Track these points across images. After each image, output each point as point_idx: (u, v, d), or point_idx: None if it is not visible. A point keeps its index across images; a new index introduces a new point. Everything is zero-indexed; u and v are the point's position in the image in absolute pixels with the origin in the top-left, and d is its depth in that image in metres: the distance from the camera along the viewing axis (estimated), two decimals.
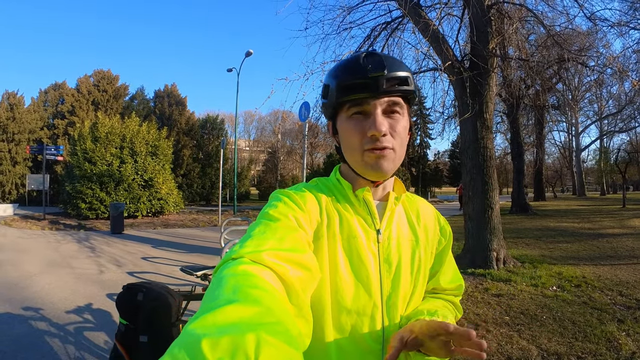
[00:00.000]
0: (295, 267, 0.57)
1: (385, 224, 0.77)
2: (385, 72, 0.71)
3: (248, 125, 56.47)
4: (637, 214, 13.44)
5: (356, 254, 0.72)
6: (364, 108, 0.73)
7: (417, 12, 5.78)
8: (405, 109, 0.77)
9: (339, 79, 0.74)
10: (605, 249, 7.47)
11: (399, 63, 0.75)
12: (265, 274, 0.51)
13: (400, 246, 0.77)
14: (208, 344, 0.32)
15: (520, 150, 17.40)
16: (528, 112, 18.38)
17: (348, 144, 0.75)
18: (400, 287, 0.74)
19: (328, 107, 0.79)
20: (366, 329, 0.70)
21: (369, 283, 0.72)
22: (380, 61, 0.72)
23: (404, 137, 0.76)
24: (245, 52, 17.47)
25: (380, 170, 0.73)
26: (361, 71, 0.71)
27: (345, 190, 0.79)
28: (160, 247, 8.62)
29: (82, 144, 14.78)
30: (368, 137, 0.71)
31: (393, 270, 0.75)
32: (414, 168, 39.43)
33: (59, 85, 24.48)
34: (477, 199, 5.89)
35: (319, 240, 0.72)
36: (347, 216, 0.76)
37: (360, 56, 0.74)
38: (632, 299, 4.40)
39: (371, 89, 0.71)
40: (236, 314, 0.39)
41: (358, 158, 0.74)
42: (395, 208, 0.81)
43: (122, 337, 1.71)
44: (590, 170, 44.10)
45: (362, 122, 0.73)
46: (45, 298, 4.62)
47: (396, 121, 0.74)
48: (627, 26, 7.14)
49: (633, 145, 29.78)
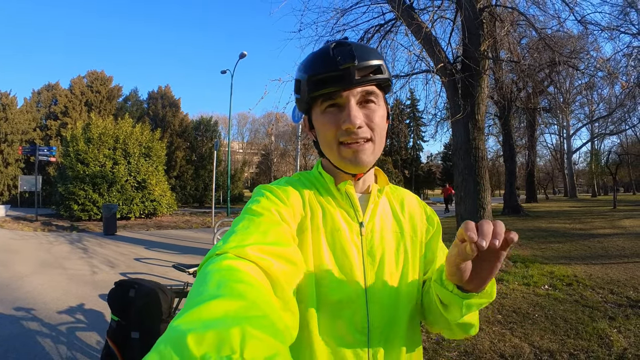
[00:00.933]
0: (279, 260, 0.56)
1: (368, 216, 0.77)
2: (356, 62, 0.69)
3: (242, 127, 56.31)
4: (628, 215, 13.60)
5: (339, 247, 0.72)
6: (337, 101, 0.72)
7: (410, 14, 5.82)
8: (381, 97, 0.76)
9: (309, 73, 0.72)
10: (596, 249, 7.55)
11: (370, 51, 0.73)
12: (250, 269, 0.51)
13: (384, 238, 0.77)
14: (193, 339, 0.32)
15: (512, 152, 17.53)
16: (520, 115, 18.53)
17: (324, 139, 0.74)
18: (384, 279, 0.73)
19: (301, 102, 0.78)
20: (351, 322, 0.69)
21: (352, 275, 0.71)
22: (350, 51, 0.70)
23: (382, 127, 0.75)
24: (239, 54, 17.45)
25: (359, 164, 0.72)
26: (331, 63, 0.69)
27: (327, 184, 0.79)
28: (153, 248, 8.56)
29: (74, 145, 14.66)
30: (343, 129, 0.70)
31: (377, 262, 0.74)
32: (407, 170, 39.53)
33: (52, 86, 24.30)
34: (469, 200, 5.92)
35: (303, 233, 0.71)
36: (330, 209, 0.75)
37: (329, 47, 0.72)
38: (623, 297, 4.46)
39: (343, 81, 0.69)
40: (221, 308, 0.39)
41: (335, 152, 0.73)
42: (379, 200, 0.80)
43: (113, 333, 1.70)
44: (582, 172, 44.62)
45: (337, 116, 0.72)
46: (37, 298, 4.57)
47: (372, 111, 0.72)
48: (617, 30, 7.27)
49: (624, 148, 30.17)
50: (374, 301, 0.71)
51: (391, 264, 0.75)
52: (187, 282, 2.89)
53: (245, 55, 17.43)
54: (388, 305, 0.73)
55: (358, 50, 0.70)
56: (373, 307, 0.71)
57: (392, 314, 0.73)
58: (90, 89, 24.22)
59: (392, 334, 0.73)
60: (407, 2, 5.92)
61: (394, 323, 0.73)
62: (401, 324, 0.74)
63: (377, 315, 0.71)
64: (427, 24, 5.76)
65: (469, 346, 3.19)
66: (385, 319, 0.72)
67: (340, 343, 0.68)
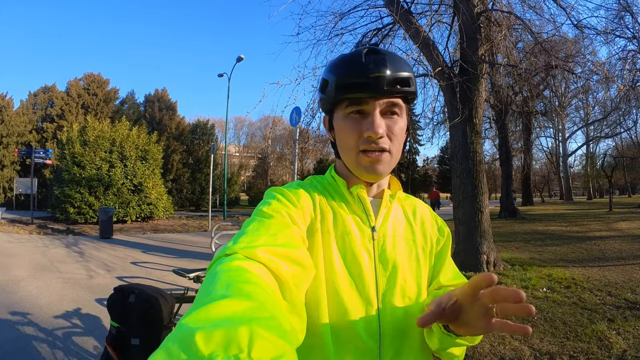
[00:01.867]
0: (288, 263, 0.56)
1: (380, 221, 0.76)
2: (388, 73, 0.69)
3: (238, 131, 56.24)
4: (624, 217, 13.68)
5: (350, 251, 0.71)
6: (362, 107, 0.71)
7: (408, 18, 5.85)
8: (404, 109, 0.75)
9: (338, 76, 0.72)
10: (593, 251, 7.59)
11: (402, 62, 0.73)
12: (259, 270, 0.51)
13: (397, 244, 0.76)
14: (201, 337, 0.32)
15: (509, 155, 17.62)
16: (516, 118, 18.63)
17: (344, 143, 0.74)
18: (397, 284, 0.72)
19: (325, 102, 0.78)
20: (362, 327, 0.68)
21: (362, 280, 0.70)
22: (383, 60, 0.70)
23: (401, 138, 0.75)
24: (237, 57, 17.46)
25: (375, 173, 0.72)
26: (362, 70, 0.69)
27: (340, 188, 0.78)
28: (149, 252, 8.52)
29: (70, 147, 14.59)
30: (364, 137, 0.70)
31: (389, 267, 0.73)
32: (403, 174, 39.64)
33: (49, 88, 24.19)
34: (467, 203, 5.94)
35: (313, 236, 0.70)
36: (341, 213, 0.75)
37: (361, 53, 0.72)
38: (621, 298, 4.48)
39: (371, 89, 0.69)
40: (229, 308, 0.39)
41: (353, 158, 0.73)
42: (392, 205, 0.79)
43: (113, 339, 1.68)
44: (577, 175, 44.87)
45: (360, 122, 0.71)
46: (33, 302, 4.53)
47: (394, 122, 0.72)
48: (612, 34, 7.32)
49: (619, 151, 30.40)
50: (386, 307, 0.71)
51: (404, 270, 0.74)
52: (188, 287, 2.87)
53: (243, 58, 17.45)
54: (400, 312, 0.72)
55: (391, 61, 0.70)
56: (385, 313, 0.70)
57: (404, 321, 0.72)
58: (87, 91, 24.12)
59: (405, 340, 0.72)
60: (405, 7, 5.94)
61: (406, 330, 0.72)
62: (413, 331, 0.73)
63: (389, 321, 0.71)
64: (424, 28, 5.80)
65: (468, 350, 3.19)
66: (397, 326, 0.71)
67: (351, 349, 0.68)
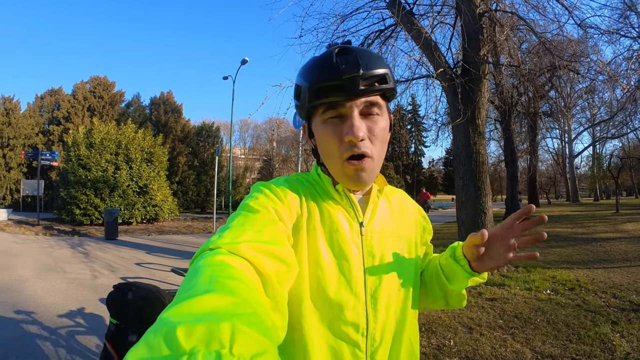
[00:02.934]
0: (272, 259, 0.56)
1: (368, 216, 0.76)
2: (361, 72, 0.65)
3: (244, 133, 56.32)
4: (630, 219, 13.52)
5: (338, 247, 0.70)
6: (339, 111, 0.69)
7: (410, 20, 5.85)
8: (384, 107, 0.73)
9: (311, 81, 0.69)
10: (598, 253, 7.51)
11: (376, 58, 0.70)
12: (242, 266, 0.50)
13: (384, 239, 0.76)
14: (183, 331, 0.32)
15: (514, 157, 17.50)
16: (521, 119, 18.53)
17: (326, 151, 0.72)
18: (384, 279, 0.72)
19: (301, 109, 0.75)
20: (349, 322, 0.68)
21: (351, 276, 0.70)
22: (355, 59, 0.66)
23: (383, 139, 0.73)
24: (241, 60, 17.52)
25: (359, 182, 0.71)
26: (334, 71, 0.66)
27: (326, 185, 0.77)
28: (154, 253, 8.57)
29: (76, 150, 14.73)
30: (345, 142, 0.68)
31: (377, 262, 0.73)
32: (409, 176, 39.55)
33: (55, 91, 24.50)
34: (470, 205, 5.91)
35: (298, 233, 0.69)
36: (328, 209, 0.74)
37: (332, 53, 0.68)
38: (626, 301, 4.43)
39: (347, 91, 0.66)
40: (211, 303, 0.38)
41: (338, 168, 0.71)
42: (378, 201, 0.79)
43: (112, 336, 1.70)
44: (584, 177, 44.41)
45: (339, 126, 0.69)
46: (37, 302, 4.58)
47: (374, 123, 0.70)
48: (617, 33, 7.28)
49: (625, 151, 30.12)
50: (374, 302, 0.71)
51: (392, 264, 0.74)
52: None
53: (247, 61, 17.49)
54: (388, 306, 0.72)
55: (363, 58, 0.67)
56: (372, 307, 0.70)
57: (391, 315, 0.72)
58: (93, 94, 24.37)
59: (392, 335, 0.72)
60: (407, 8, 5.94)
61: (394, 324, 0.73)
62: (401, 325, 0.74)
63: (377, 316, 0.70)
64: (427, 30, 5.80)
65: (469, 352, 3.18)
66: (385, 320, 0.71)
67: (337, 344, 0.67)
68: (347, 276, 0.70)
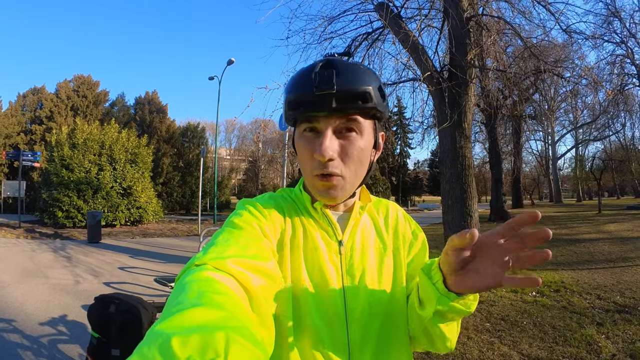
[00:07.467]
0: (258, 275, 0.56)
1: (348, 234, 0.74)
2: (334, 90, 0.62)
3: (229, 134, 55.94)
4: (613, 220, 13.83)
5: (317, 266, 0.70)
6: (314, 125, 0.67)
7: (397, 23, 5.86)
8: (366, 125, 0.69)
9: (289, 92, 0.68)
10: (582, 254, 7.65)
11: (359, 75, 0.66)
12: (228, 282, 0.50)
13: (365, 256, 0.74)
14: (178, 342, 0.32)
15: (499, 159, 17.76)
16: (506, 122, 18.85)
17: (300, 162, 0.72)
18: (365, 297, 0.71)
19: (287, 118, 0.74)
20: (330, 341, 0.66)
21: (330, 295, 0.69)
22: (330, 76, 0.63)
23: (359, 160, 0.69)
24: (227, 60, 17.39)
25: (329, 197, 0.70)
26: (309, 87, 0.64)
27: (305, 202, 0.76)
28: (138, 256, 8.41)
29: (59, 150, 14.40)
30: (316, 159, 0.66)
31: (357, 280, 0.71)
32: (394, 177, 39.74)
33: (38, 90, 23.87)
34: (456, 208, 5.94)
35: (282, 250, 0.70)
36: (309, 228, 0.73)
37: (315, 67, 0.66)
38: (610, 302, 4.51)
39: (319, 108, 0.64)
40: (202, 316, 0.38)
41: (309, 181, 0.71)
42: (360, 218, 0.78)
43: (93, 350, 1.64)
44: (567, 178, 45.37)
45: (312, 142, 0.67)
46: (18, 309, 4.45)
47: (350, 142, 0.67)
48: (601, 39, 7.45)
49: (607, 153, 30.76)
50: (354, 320, 0.69)
51: (373, 282, 0.73)
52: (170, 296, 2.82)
53: (233, 61, 17.39)
54: (370, 323, 0.70)
55: (342, 75, 0.64)
56: (353, 326, 0.69)
57: (374, 332, 0.70)
58: (77, 93, 23.85)
59: (377, 352, 0.70)
60: (394, 11, 5.96)
61: (377, 341, 0.70)
62: (386, 341, 0.71)
63: (358, 334, 0.69)
64: (414, 33, 5.81)
65: (457, 356, 3.18)
66: (368, 338, 0.69)
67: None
68: (325, 296, 0.69)
